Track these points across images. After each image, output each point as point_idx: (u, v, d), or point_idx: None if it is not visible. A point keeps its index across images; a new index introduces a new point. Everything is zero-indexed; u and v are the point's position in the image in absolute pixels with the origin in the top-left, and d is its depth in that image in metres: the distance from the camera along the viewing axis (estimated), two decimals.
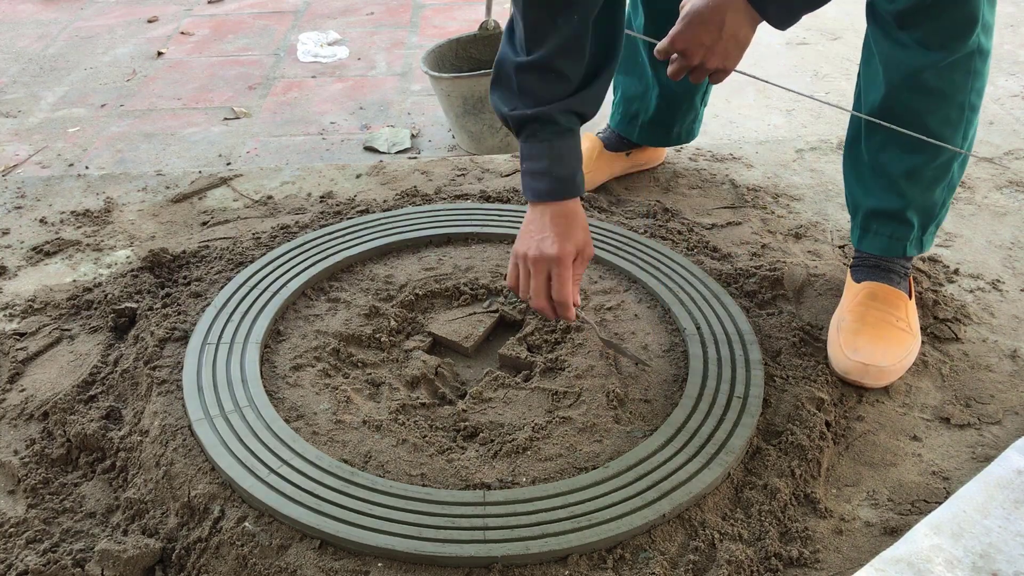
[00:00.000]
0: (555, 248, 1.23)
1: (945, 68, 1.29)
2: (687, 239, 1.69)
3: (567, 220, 1.25)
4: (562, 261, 1.24)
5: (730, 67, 1.28)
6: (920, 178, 1.38)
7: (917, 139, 1.32)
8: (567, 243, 1.24)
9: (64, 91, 2.58)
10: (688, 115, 1.83)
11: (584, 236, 1.27)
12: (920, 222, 1.43)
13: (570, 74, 1.22)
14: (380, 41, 2.95)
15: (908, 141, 1.33)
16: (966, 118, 1.34)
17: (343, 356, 1.38)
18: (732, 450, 1.19)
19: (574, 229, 1.26)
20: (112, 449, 1.24)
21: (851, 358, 1.34)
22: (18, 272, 1.66)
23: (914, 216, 1.42)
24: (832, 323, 1.43)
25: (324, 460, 1.17)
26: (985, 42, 1.30)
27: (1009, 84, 2.45)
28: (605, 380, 1.31)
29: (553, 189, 1.25)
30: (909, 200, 1.41)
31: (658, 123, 1.82)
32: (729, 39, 1.23)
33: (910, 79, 1.31)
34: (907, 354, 1.37)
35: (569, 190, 1.25)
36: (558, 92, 1.22)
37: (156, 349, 1.38)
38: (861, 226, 1.47)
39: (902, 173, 1.39)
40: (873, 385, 1.35)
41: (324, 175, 1.96)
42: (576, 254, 1.26)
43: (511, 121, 1.26)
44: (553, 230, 1.25)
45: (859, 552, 1.10)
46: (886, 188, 1.41)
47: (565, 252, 1.24)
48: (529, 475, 1.16)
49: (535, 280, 1.26)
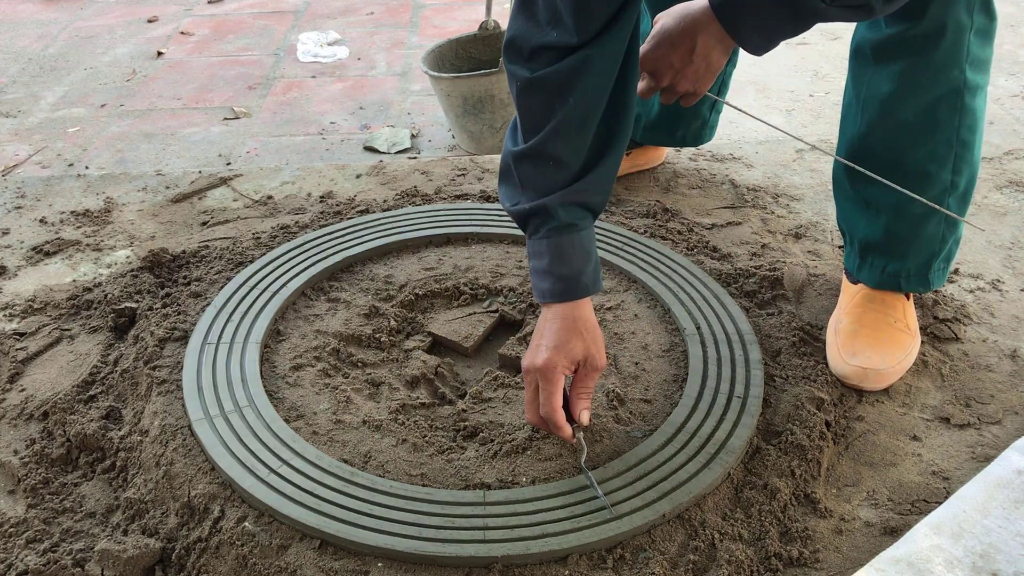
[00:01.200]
0: (542, 358, 1.12)
1: (927, 104, 1.26)
2: (687, 239, 1.69)
3: (567, 326, 1.14)
4: (546, 374, 1.12)
5: (701, 91, 1.22)
6: (907, 213, 1.33)
7: (902, 173, 1.29)
8: (558, 354, 1.12)
9: (64, 91, 2.58)
10: (693, 121, 1.81)
11: (586, 346, 1.14)
12: (917, 257, 1.37)
13: (568, 160, 1.12)
14: (380, 41, 2.95)
15: (893, 176, 1.28)
16: (955, 154, 1.28)
17: (343, 356, 1.38)
18: (732, 450, 1.19)
19: (572, 337, 1.14)
20: (112, 449, 1.24)
21: (849, 363, 1.33)
22: (18, 272, 1.66)
23: (908, 251, 1.36)
24: (830, 325, 1.42)
25: (324, 460, 1.17)
26: (974, 77, 1.26)
27: (1009, 84, 2.45)
28: (605, 380, 1.31)
29: (555, 290, 1.14)
30: (899, 235, 1.35)
31: (660, 126, 1.82)
32: (700, 62, 1.16)
33: (889, 114, 1.29)
34: (906, 355, 1.36)
35: (571, 291, 1.14)
36: (557, 181, 1.12)
37: (156, 349, 1.38)
38: (859, 255, 1.42)
39: (889, 207, 1.34)
40: (872, 388, 1.34)
41: (324, 175, 1.96)
42: (574, 365, 1.15)
43: (514, 218, 1.17)
44: (548, 338, 1.14)
45: (859, 552, 1.10)
46: (875, 221, 1.37)
47: (550, 364, 1.12)
48: (529, 475, 1.16)
49: (526, 392, 1.16)
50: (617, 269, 1.56)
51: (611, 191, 1.21)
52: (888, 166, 1.30)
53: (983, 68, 1.27)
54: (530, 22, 1.10)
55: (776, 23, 1.04)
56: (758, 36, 1.07)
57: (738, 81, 2.50)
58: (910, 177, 1.29)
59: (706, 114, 1.81)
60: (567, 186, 1.13)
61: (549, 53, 1.09)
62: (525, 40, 1.10)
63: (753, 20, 1.06)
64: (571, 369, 1.15)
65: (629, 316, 1.46)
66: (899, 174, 1.29)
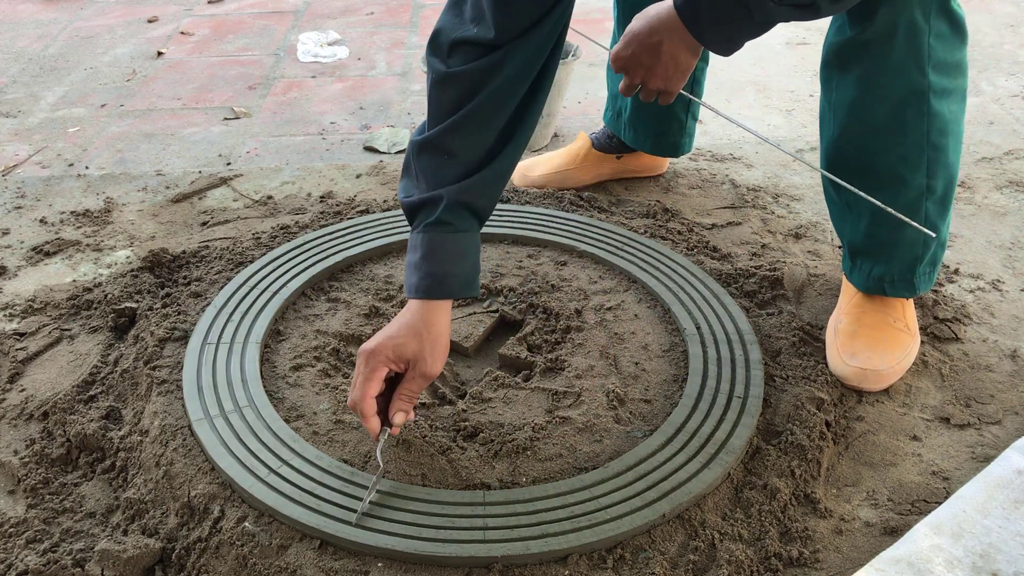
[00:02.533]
0: (371, 344, 1.10)
1: (892, 107, 1.27)
2: (687, 239, 1.69)
3: (410, 323, 1.11)
4: (368, 359, 1.09)
5: (673, 89, 1.21)
6: (885, 218, 1.30)
7: (876, 177, 1.30)
8: (387, 345, 1.10)
9: (64, 91, 2.58)
10: (671, 124, 1.78)
11: (420, 349, 1.10)
12: (901, 262, 1.37)
13: (463, 156, 1.12)
14: (380, 41, 2.95)
15: (867, 180, 1.28)
16: (928, 157, 1.28)
17: (343, 356, 1.38)
18: (732, 450, 1.19)
19: (410, 336, 1.10)
20: (112, 449, 1.24)
21: (848, 363, 1.34)
22: (18, 272, 1.66)
23: (891, 255, 1.37)
24: (829, 325, 1.43)
25: (324, 460, 1.17)
26: (940, 81, 1.26)
27: (1009, 84, 2.45)
28: (605, 380, 1.31)
29: (419, 285, 1.12)
30: (880, 239, 1.36)
31: (638, 124, 1.80)
32: (668, 62, 1.16)
33: (857, 118, 1.30)
34: (906, 355, 1.37)
35: (434, 289, 1.11)
36: (448, 175, 1.12)
37: (156, 349, 1.38)
38: (850, 258, 1.43)
39: (868, 212, 1.34)
40: (872, 389, 1.34)
41: (324, 175, 1.96)
42: (402, 363, 1.11)
43: (405, 210, 1.16)
44: (389, 328, 1.11)
45: (859, 552, 1.10)
46: (857, 224, 1.38)
47: (375, 351, 1.09)
48: (529, 475, 1.16)
49: (354, 373, 1.12)
50: (617, 269, 1.56)
51: (498, 199, 1.20)
52: (862, 170, 1.31)
53: (951, 72, 1.27)
54: (456, 17, 1.13)
55: (734, 23, 1.06)
56: (721, 38, 1.09)
57: (738, 81, 2.50)
58: (884, 180, 1.30)
59: (684, 118, 1.79)
60: (457, 182, 1.12)
61: (468, 49, 1.11)
62: (447, 34, 1.13)
63: (713, 22, 1.08)
64: (399, 366, 1.11)
65: (629, 316, 1.46)
66: (873, 177, 1.30)
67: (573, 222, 1.69)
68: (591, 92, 2.54)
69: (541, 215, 1.71)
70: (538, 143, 2.50)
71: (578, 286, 1.52)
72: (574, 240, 1.63)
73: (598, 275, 1.56)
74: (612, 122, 1.85)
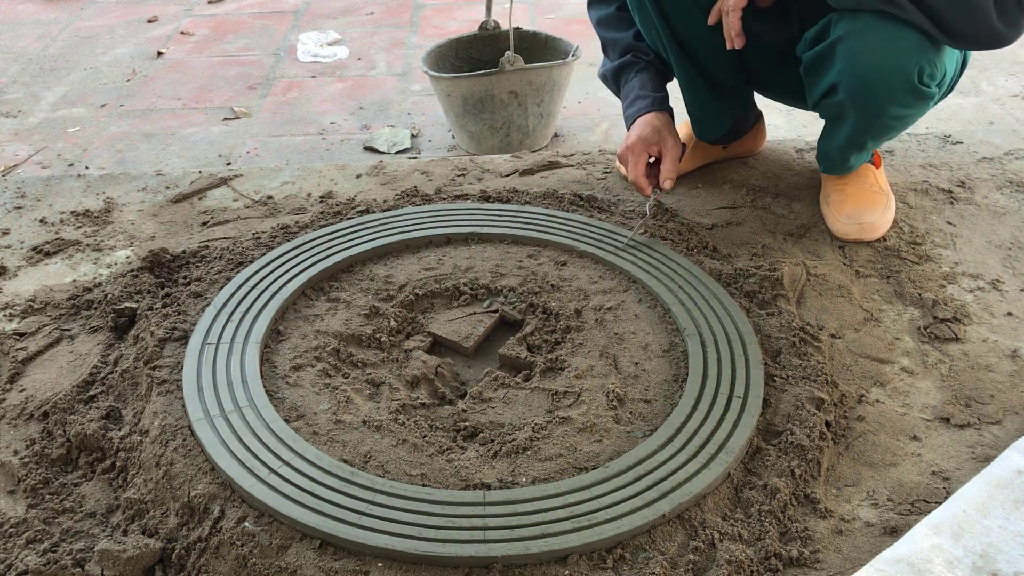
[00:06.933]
0: (627, 141, 1.63)
1: None
2: (687, 239, 1.69)
3: (645, 124, 1.62)
4: (630, 151, 1.62)
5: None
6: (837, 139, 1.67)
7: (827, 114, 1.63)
8: (636, 141, 1.61)
9: (64, 91, 2.58)
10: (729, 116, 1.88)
11: (663, 138, 1.61)
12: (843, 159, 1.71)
13: None
14: (380, 41, 2.95)
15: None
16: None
17: (343, 356, 1.38)
18: (732, 450, 1.19)
19: (651, 132, 1.61)
20: (112, 449, 1.24)
21: (847, 222, 1.65)
22: (18, 272, 1.66)
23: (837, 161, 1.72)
24: (820, 200, 1.74)
25: (324, 460, 1.17)
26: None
27: (1009, 84, 2.45)
28: (605, 380, 1.31)
29: (642, 106, 1.63)
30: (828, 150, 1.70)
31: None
32: None
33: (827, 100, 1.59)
34: (887, 209, 1.69)
35: (646, 105, 1.63)
36: (623, 39, 1.68)
37: (156, 349, 1.38)
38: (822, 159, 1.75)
39: None
40: (870, 239, 1.64)
41: (324, 175, 1.96)
42: (654, 148, 1.61)
43: (607, 79, 1.73)
44: (630, 135, 1.64)
45: (859, 552, 1.10)
46: None
47: (631, 145, 1.62)
48: (529, 475, 1.16)
49: (628, 168, 1.64)
50: (617, 269, 1.56)
51: None
52: None
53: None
54: None
55: None
56: None
57: None
58: None
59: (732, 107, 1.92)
60: (631, 41, 1.68)
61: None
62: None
63: None
64: (652, 151, 1.62)
65: (629, 316, 1.46)
66: None
67: (573, 222, 1.69)
68: (591, 92, 2.54)
69: (541, 215, 1.71)
70: (538, 143, 2.50)
71: (578, 286, 1.52)
72: (574, 240, 1.63)
73: (598, 275, 1.56)
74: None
